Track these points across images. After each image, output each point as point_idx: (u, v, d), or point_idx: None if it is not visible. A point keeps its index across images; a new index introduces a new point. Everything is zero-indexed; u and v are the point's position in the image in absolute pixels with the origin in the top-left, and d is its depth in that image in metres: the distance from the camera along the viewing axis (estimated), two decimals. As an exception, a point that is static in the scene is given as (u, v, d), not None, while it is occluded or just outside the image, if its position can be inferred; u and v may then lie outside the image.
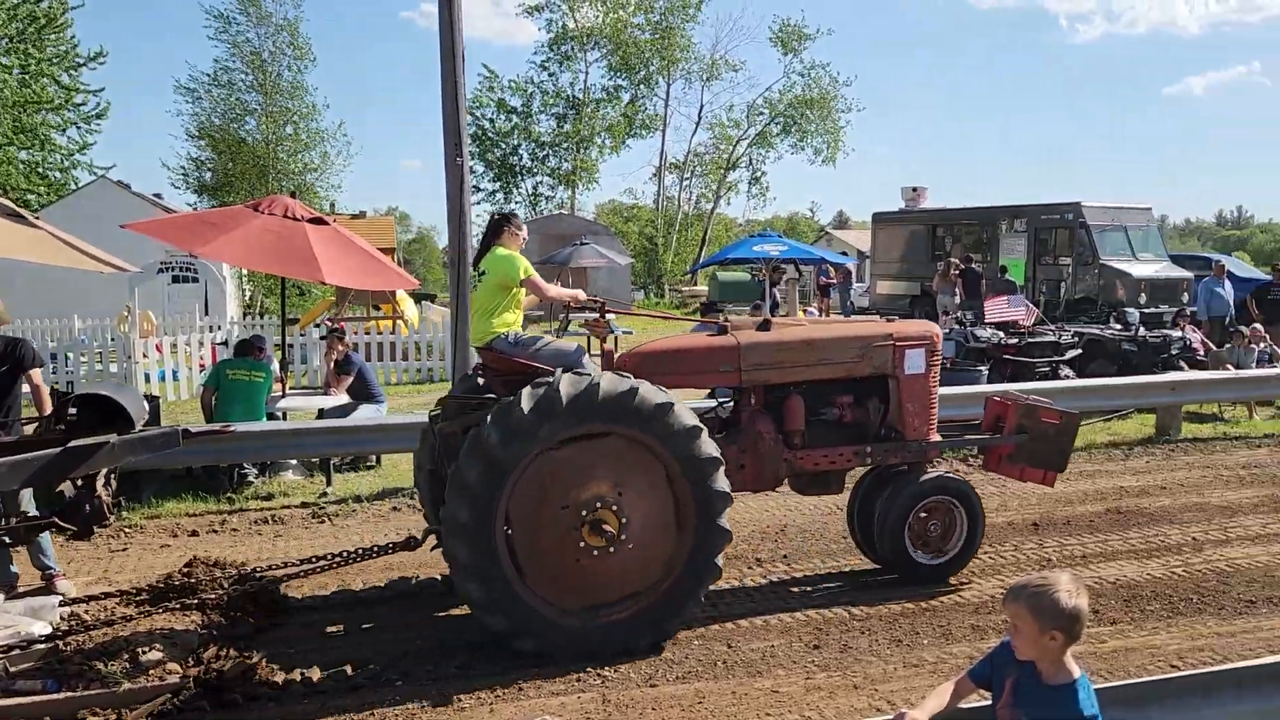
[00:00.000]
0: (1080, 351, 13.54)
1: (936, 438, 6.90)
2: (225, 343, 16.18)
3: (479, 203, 42.02)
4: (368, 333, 17.55)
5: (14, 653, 5.23)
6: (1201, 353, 14.05)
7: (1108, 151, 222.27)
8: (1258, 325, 14.79)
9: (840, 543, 7.47)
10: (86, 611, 6.00)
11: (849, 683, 5.25)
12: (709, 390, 7.69)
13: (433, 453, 6.37)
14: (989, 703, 3.02)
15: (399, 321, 18.79)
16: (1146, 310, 17.93)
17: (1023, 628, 2.79)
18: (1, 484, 4.78)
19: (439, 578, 6.70)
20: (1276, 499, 8.78)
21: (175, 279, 23.75)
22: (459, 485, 5.33)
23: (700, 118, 45.15)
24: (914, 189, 27.12)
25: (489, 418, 5.37)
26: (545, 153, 43.54)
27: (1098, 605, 6.20)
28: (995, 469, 7.27)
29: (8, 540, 6.08)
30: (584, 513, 5.46)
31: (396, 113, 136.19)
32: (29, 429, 6.18)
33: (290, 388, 11.04)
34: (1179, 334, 14.29)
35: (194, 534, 8.13)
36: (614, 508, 5.50)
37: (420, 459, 6.68)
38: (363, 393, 10.63)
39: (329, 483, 9.58)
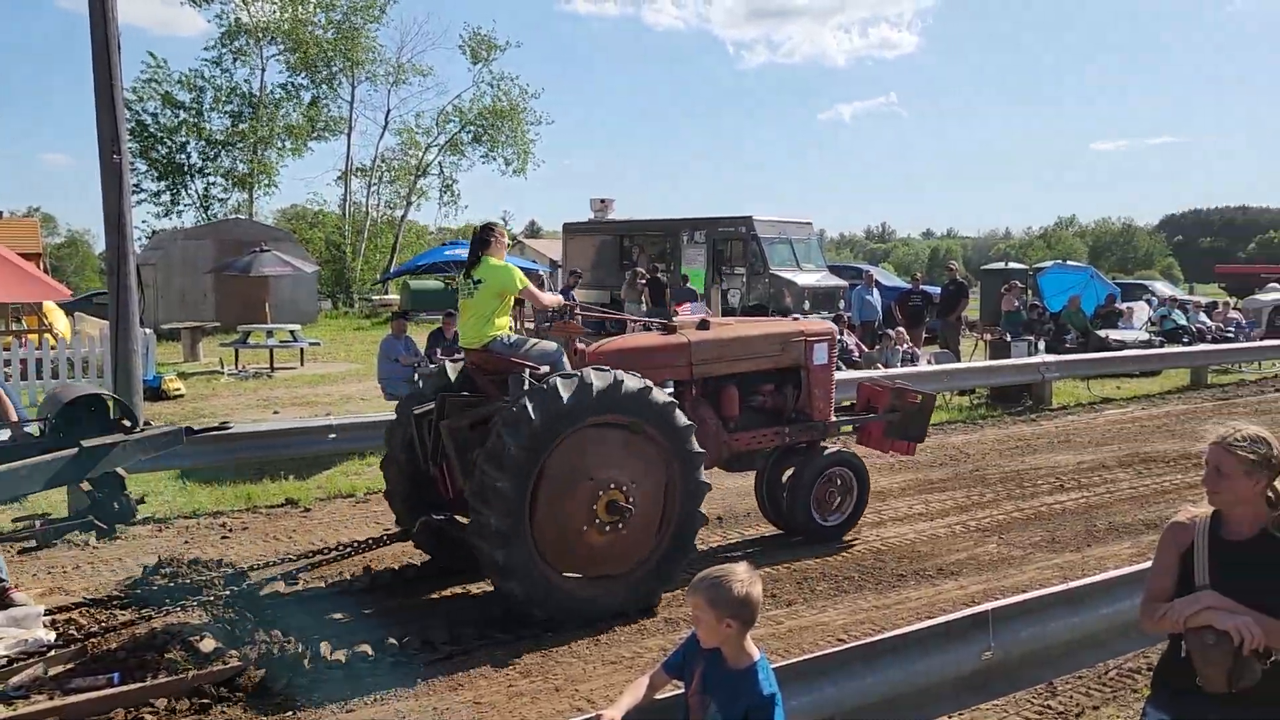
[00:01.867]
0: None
1: (834, 418, 8.04)
2: None
3: (140, 203, 38.44)
4: (7, 348, 15.52)
5: (24, 660, 5.31)
6: (856, 354, 15.54)
7: (773, 169, 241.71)
8: (901, 329, 16.65)
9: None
10: (76, 617, 6.01)
11: (550, 686, 5.31)
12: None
13: (409, 451, 6.86)
14: (683, 692, 3.15)
15: (46, 335, 16.75)
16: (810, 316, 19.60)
17: (703, 617, 2.92)
18: (24, 487, 4.97)
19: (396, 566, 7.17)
20: (919, 483, 9.89)
21: None
22: (498, 461, 5.76)
23: (387, 122, 44.00)
24: (602, 200, 27.97)
25: (527, 398, 5.83)
26: (218, 153, 40.54)
27: (775, 590, 6.68)
28: (867, 443, 8.44)
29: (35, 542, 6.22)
30: (596, 499, 6.04)
31: (35, 101, 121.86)
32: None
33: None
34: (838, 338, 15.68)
35: None
36: (622, 487, 6.11)
37: (393, 458, 7.02)
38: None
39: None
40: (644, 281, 20.78)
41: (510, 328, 6.73)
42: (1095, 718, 4.97)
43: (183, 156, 39.86)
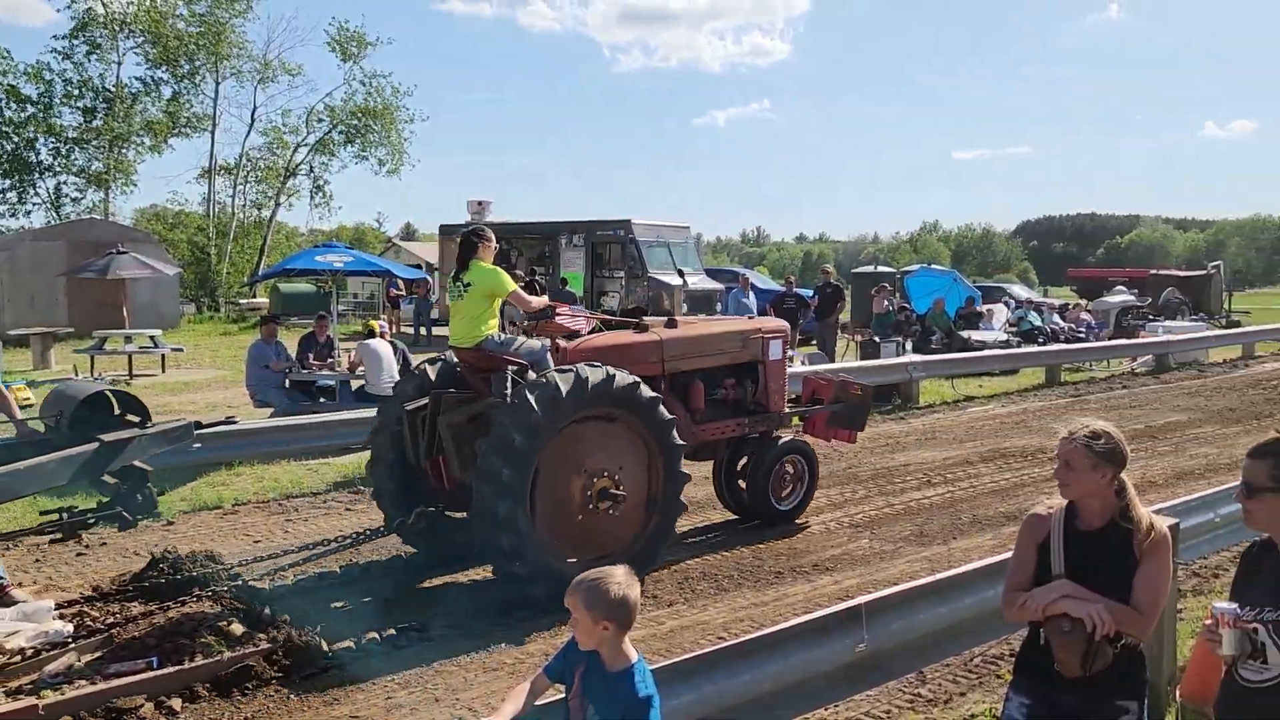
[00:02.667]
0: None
1: (787, 409, 8.62)
2: None
3: (-15, 201, 36.12)
4: None
5: (50, 651, 5.41)
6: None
7: (651, 172, 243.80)
8: (776, 330, 16.96)
9: (413, 557, 7.40)
10: (88, 610, 6.11)
11: (430, 696, 5.22)
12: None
13: (398, 448, 7.11)
14: (564, 696, 3.14)
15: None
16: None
17: (580, 620, 2.92)
18: (52, 480, 5.16)
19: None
20: (795, 481, 10.10)
21: None
22: (502, 452, 6.11)
23: (254, 120, 42.49)
24: (479, 202, 27.67)
25: (530, 392, 6.22)
26: (71, 149, 38.43)
27: (657, 590, 6.73)
28: (812, 433, 8.98)
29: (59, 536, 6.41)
30: (592, 482, 6.53)
31: None
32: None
33: None
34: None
35: None
36: (612, 475, 6.58)
37: (380, 454, 7.24)
38: None
39: None
40: (522, 285, 20.67)
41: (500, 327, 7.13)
42: (962, 704, 5.17)
43: (30, 153, 37.65)
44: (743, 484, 8.50)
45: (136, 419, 5.65)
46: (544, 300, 7.63)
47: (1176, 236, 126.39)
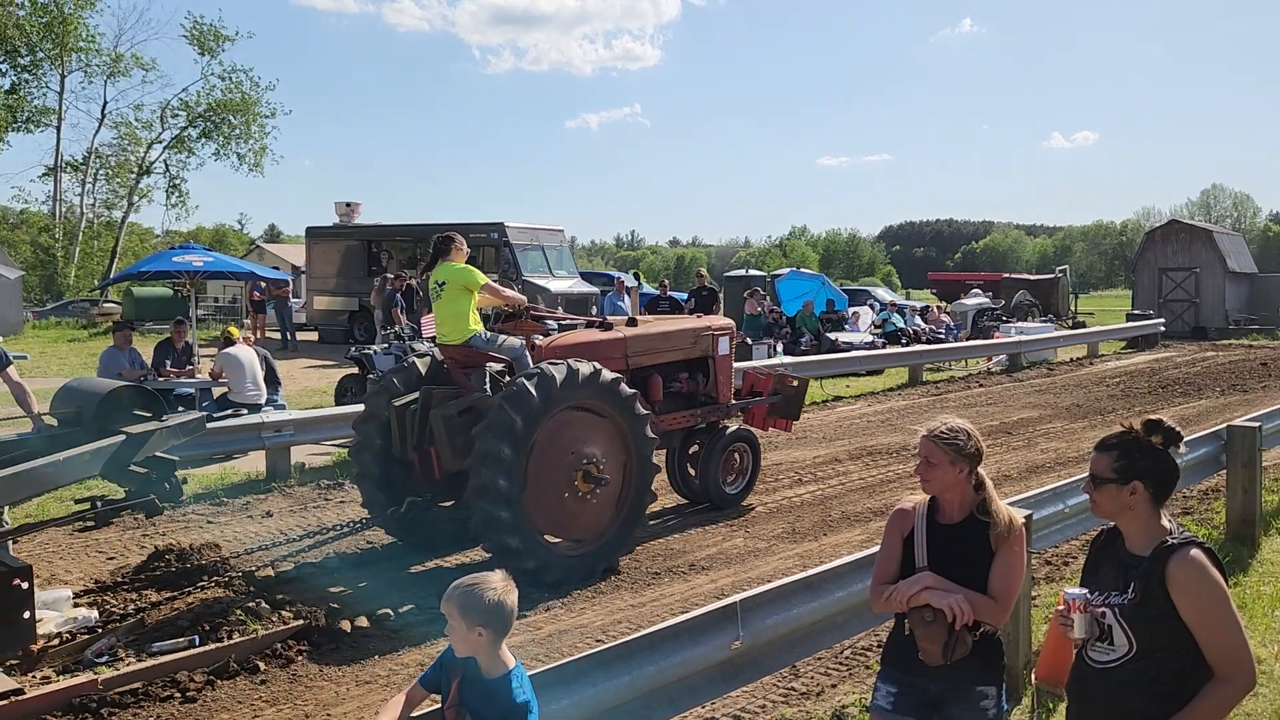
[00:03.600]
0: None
1: (733, 401, 9.28)
2: None
3: None
4: None
5: (85, 635, 5.71)
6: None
7: (524, 175, 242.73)
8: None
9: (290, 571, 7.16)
10: (107, 597, 6.45)
11: (301, 713, 5.06)
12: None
13: (382, 457, 7.54)
14: (440, 706, 3.08)
15: None
16: (564, 322, 19.80)
17: (455, 626, 2.87)
18: (86, 471, 5.42)
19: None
20: (669, 482, 10.18)
21: None
22: (502, 433, 6.57)
23: (104, 115, 40.46)
24: (348, 204, 26.98)
25: (528, 380, 6.75)
26: (-104, 143, 35.84)
27: (533, 594, 6.68)
28: (750, 423, 9.49)
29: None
30: (576, 470, 7.01)
31: None
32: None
33: None
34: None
35: None
36: (595, 462, 7.08)
37: (366, 470, 7.62)
38: None
39: None
40: (398, 289, 20.23)
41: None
42: (834, 695, 5.32)
43: None
44: (693, 471, 9.08)
45: (149, 413, 5.93)
46: (517, 295, 8.09)
47: (1027, 242, 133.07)
